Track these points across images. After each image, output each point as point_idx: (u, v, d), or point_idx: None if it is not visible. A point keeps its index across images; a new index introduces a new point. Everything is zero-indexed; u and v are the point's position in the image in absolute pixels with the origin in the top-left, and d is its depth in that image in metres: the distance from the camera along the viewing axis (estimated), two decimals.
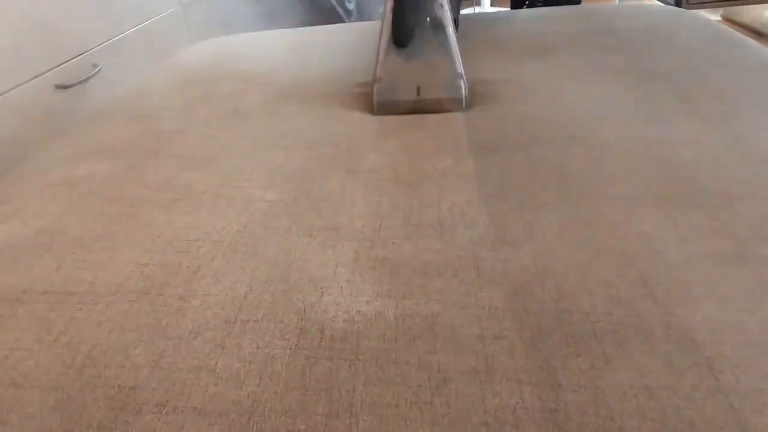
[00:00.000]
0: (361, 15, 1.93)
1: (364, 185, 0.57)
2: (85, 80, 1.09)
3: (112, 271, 0.47)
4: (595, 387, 0.33)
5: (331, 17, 1.73)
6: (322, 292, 0.42)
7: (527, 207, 0.51)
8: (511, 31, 1.05)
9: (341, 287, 0.43)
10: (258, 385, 0.35)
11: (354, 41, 1.08)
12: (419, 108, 0.74)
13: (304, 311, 0.41)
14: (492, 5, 2.69)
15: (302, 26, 1.26)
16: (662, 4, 1.40)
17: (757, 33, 1.56)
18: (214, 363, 0.37)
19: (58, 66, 1.03)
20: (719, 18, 1.77)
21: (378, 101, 0.75)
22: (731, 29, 1.01)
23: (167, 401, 0.35)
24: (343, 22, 1.73)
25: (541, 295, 0.40)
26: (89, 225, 0.55)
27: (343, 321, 0.39)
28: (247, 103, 0.82)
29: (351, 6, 1.82)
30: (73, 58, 1.07)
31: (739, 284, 0.40)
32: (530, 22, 1.11)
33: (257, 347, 0.38)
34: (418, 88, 0.73)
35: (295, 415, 0.33)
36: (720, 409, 0.31)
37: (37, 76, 0.98)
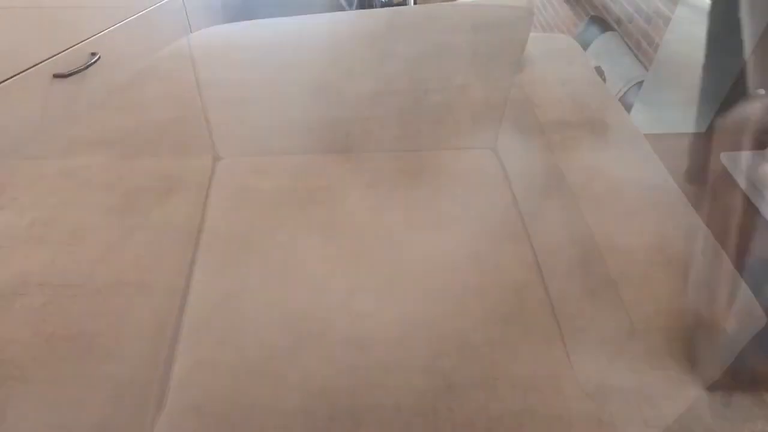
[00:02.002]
0: (362, 3, 1.92)
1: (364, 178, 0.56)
2: (83, 69, 1.07)
3: (108, 263, 0.47)
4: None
5: (332, 5, 1.72)
6: (323, 295, 0.42)
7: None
8: None
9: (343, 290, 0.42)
10: (259, 385, 0.35)
11: (357, 30, 1.07)
12: None
13: (305, 313, 0.40)
14: None
15: (302, 14, 1.25)
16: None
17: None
18: (214, 360, 0.37)
19: (57, 55, 1.02)
20: None
21: None
22: None
23: (167, 398, 0.34)
24: (344, 10, 1.71)
25: (542, 293, 0.40)
26: (85, 216, 0.54)
27: (345, 324, 0.39)
28: (247, 90, 0.81)
29: None
30: (71, 47, 1.06)
31: None
32: None
33: (258, 346, 0.38)
34: None
35: (296, 417, 0.33)
36: None
37: (34, 65, 0.97)
